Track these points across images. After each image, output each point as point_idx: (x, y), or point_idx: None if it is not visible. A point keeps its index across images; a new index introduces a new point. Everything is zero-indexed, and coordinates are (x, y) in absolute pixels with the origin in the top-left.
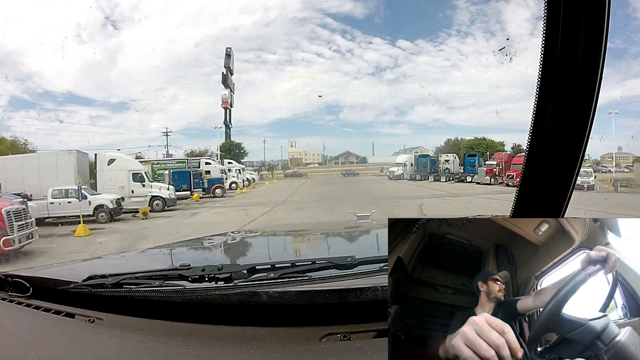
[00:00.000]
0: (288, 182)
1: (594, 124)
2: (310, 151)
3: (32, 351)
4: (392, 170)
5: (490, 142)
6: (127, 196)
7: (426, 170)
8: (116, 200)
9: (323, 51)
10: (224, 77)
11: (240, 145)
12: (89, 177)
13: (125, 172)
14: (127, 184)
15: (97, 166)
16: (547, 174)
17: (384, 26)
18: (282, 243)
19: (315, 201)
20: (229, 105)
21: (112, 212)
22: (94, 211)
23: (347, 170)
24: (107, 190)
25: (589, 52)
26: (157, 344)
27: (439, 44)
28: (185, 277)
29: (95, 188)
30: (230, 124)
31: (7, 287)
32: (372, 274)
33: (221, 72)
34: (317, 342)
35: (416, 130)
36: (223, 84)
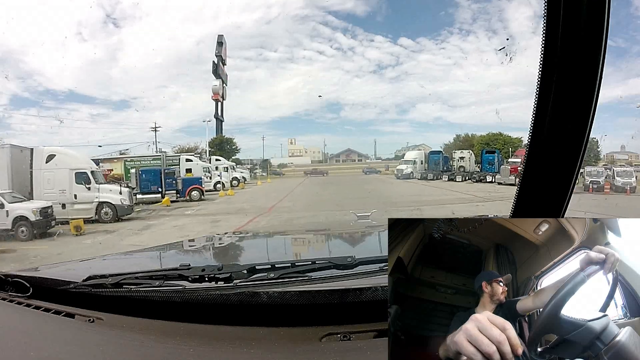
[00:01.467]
0: (283, 182)
1: (593, 123)
2: (310, 148)
3: (32, 351)
4: (400, 169)
5: (508, 138)
6: (69, 202)
7: (438, 169)
8: (41, 210)
9: (324, 49)
10: (214, 67)
11: (232, 140)
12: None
13: (66, 172)
14: (69, 186)
15: (32, 164)
16: (547, 174)
17: (385, 24)
18: (282, 243)
19: (310, 208)
20: (220, 97)
21: (34, 226)
22: (12, 224)
23: (368, 168)
24: (45, 195)
25: (589, 51)
26: (157, 344)
27: (440, 42)
28: (185, 277)
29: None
30: (222, 118)
31: (7, 287)
32: (372, 274)
33: (212, 61)
34: (317, 342)
35: (418, 129)
36: (214, 74)
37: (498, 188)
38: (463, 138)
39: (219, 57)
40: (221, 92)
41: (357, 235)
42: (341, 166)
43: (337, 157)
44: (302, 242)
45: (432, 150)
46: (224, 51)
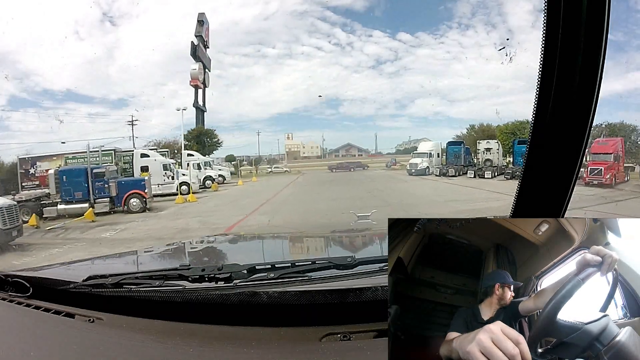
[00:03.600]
0: (267, 181)
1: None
2: (308, 143)
3: (32, 351)
4: (414, 163)
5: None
6: None
7: (459, 162)
8: None
9: (323, 44)
10: (193, 48)
11: (212, 132)
12: None
13: None
14: None
15: None
16: (547, 173)
17: (384, 19)
18: (282, 243)
19: (294, 224)
20: (201, 83)
21: None
22: None
23: (347, 162)
24: None
25: (589, 50)
26: (157, 344)
27: (439, 36)
28: (185, 277)
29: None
30: (204, 108)
31: (7, 287)
32: (372, 274)
33: (190, 42)
34: (317, 342)
35: (417, 123)
36: (192, 56)
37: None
38: (479, 128)
39: (199, 37)
40: (202, 78)
41: (357, 235)
42: (341, 161)
43: (337, 152)
44: (302, 242)
45: (450, 140)
46: (206, 32)
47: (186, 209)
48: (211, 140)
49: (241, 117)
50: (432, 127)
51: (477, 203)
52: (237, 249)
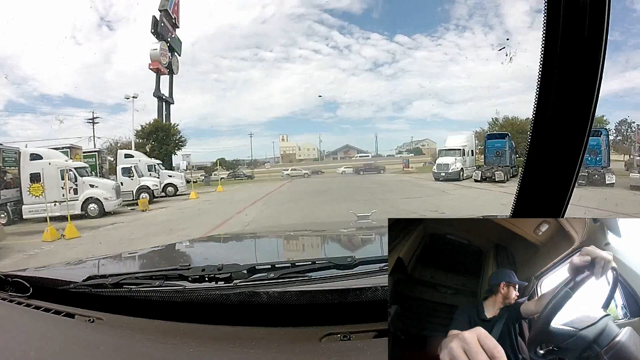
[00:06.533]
0: (234, 194)
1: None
2: (305, 145)
3: (32, 351)
4: (443, 164)
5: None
6: None
7: (503, 162)
8: None
9: (320, 47)
10: (154, 23)
11: (170, 127)
12: None
13: None
14: None
15: None
16: (547, 173)
17: (381, 21)
18: (282, 243)
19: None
20: (165, 67)
21: None
22: None
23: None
24: None
25: (589, 50)
26: (157, 344)
27: (437, 38)
28: (185, 277)
29: None
30: (171, 99)
31: (7, 287)
32: (372, 274)
33: (152, 16)
34: (317, 342)
35: (415, 125)
36: (153, 33)
37: None
38: (502, 123)
39: (163, 11)
40: (165, 61)
41: (357, 235)
42: (339, 164)
43: (335, 155)
44: (302, 242)
45: (489, 133)
46: (174, 8)
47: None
48: (169, 137)
49: (239, 121)
50: (430, 128)
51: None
52: (237, 249)
